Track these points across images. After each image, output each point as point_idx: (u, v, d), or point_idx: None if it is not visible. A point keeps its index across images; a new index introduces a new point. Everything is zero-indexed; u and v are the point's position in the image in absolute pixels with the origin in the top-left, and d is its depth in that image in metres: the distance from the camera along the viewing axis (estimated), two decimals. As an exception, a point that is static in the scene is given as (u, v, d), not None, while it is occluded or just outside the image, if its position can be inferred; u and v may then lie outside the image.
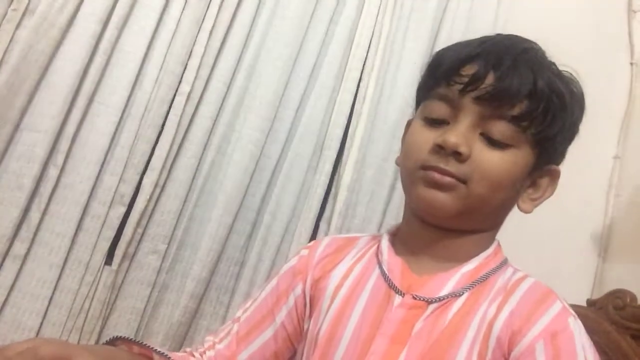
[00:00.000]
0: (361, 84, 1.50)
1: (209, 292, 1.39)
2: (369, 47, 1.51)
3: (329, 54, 1.49)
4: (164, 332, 1.34)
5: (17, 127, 1.26)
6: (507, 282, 0.68)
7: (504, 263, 0.71)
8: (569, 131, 0.70)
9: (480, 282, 0.67)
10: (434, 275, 0.67)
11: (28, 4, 1.26)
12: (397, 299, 0.67)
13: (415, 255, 0.70)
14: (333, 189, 1.48)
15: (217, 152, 1.41)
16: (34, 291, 1.26)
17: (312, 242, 0.83)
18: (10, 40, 1.25)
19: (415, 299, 0.66)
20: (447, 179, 0.64)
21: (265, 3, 1.46)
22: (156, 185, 1.35)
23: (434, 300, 0.65)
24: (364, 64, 1.51)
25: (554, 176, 0.73)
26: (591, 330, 1.25)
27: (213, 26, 1.40)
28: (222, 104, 1.42)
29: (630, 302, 1.20)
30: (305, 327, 0.74)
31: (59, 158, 1.27)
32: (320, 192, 1.44)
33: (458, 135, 0.64)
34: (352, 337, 0.66)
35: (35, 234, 1.26)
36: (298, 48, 1.47)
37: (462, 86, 0.65)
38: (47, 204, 1.27)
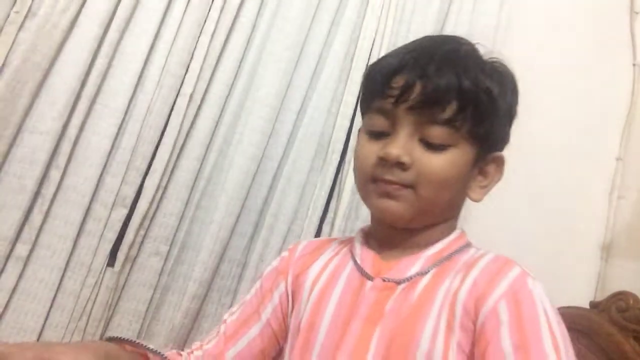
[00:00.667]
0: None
1: (211, 294, 1.38)
2: (371, 49, 1.51)
3: (330, 56, 1.49)
4: (166, 334, 1.34)
5: (19, 129, 1.26)
6: (470, 258, 0.72)
7: (467, 246, 0.76)
8: (505, 117, 0.74)
9: (444, 261, 0.72)
10: (400, 259, 0.73)
11: (30, 6, 1.27)
12: (369, 284, 0.72)
13: (384, 247, 0.76)
14: (336, 191, 1.48)
15: (219, 154, 1.41)
16: (36, 293, 1.26)
17: (292, 245, 0.88)
18: (13, 43, 1.26)
19: (385, 281, 0.71)
20: (398, 191, 0.69)
21: (267, 5, 1.46)
22: (158, 187, 1.35)
23: (402, 280, 0.70)
24: (366, 66, 1.51)
25: (499, 162, 0.76)
26: (594, 332, 1.25)
27: (215, 28, 1.40)
28: (223, 106, 1.42)
29: (633, 304, 1.20)
30: (289, 322, 0.79)
31: (61, 160, 1.27)
32: (323, 194, 1.44)
33: (398, 146, 0.69)
34: (330, 323, 0.71)
35: (37, 236, 1.26)
36: (300, 50, 1.47)
37: (394, 99, 0.69)
38: (49, 206, 1.27)
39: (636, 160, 1.67)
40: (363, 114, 0.79)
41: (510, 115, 0.75)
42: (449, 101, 0.68)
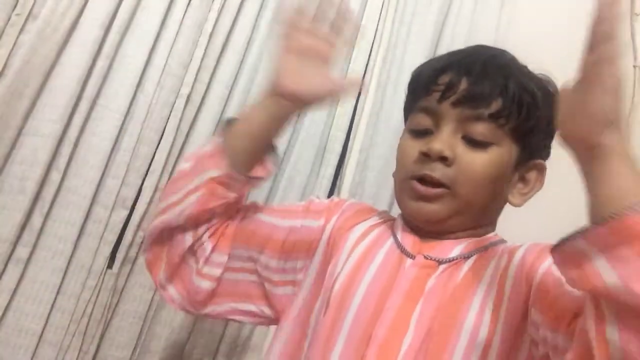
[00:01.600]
0: (362, 87, 1.50)
1: (212, 296, 1.38)
2: (370, 50, 1.51)
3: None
4: (166, 336, 1.34)
5: (19, 132, 1.26)
6: (510, 246, 0.74)
7: (503, 241, 0.78)
8: (547, 126, 0.72)
9: (485, 249, 0.72)
10: (441, 240, 0.73)
11: (31, 8, 1.27)
12: (409, 261, 0.72)
13: (424, 234, 0.75)
14: (335, 192, 1.48)
15: (220, 155, 1.41)
16: (36, 295, 1.26)
17: (336, 198, 0.89)
18: (14, 45, 1.25)
19: (427, 258, 0.71)
20: (433, 191, 0.70)
21: (267, 6, 1.46)
22: (157, 188, 1.35)
23: (444, 260, 0.71)
24: (365, 68, 1.51)
25: (541, 170, 0.76)
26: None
27: (215, 29, 1.40)
28: (224, 108, 1.42)
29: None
30: (312, 268, 0.78)
31: (62, 162, 1.27)
32: (322, 195, 1.44)
33: (441, 141, 0.69)
34: (366, 293, 0.69)
35: (37, 238, 1.26)
36: (300, 51, 1.47)
37: (439, 94, 0.71)
38: (50, 208, 1.27)
39: (636, 162, 1.67)
40: (407, 116, 0.80)
41: (550, 126, 0.69)
42: (494, 97, 0.69)
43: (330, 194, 1.47)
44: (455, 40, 1.55)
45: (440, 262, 0.70)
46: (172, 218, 0.75)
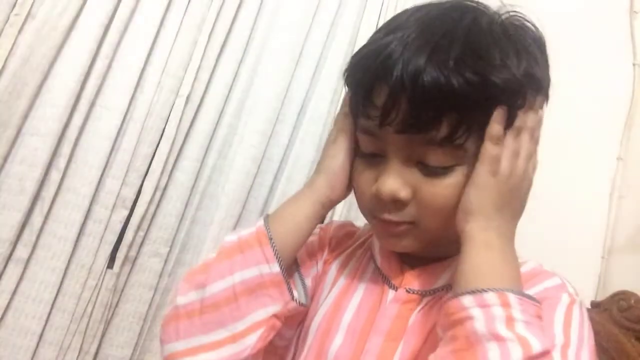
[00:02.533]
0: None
1: (212, 296, 1.38)
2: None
3: (330, 55, 1.49)
4: (167, 336, 1.33)
5: (19, 131, 1.26)
6: None
7: None
8: (536, 94, 0.59)
9: None
10: (427, 266, 0.65)
11: (30, 8, 1.27)
12: (391, 294, 0.65)
13: (406, 253, 0.67)
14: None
15: (219, 155, 1.41)
16: (36, 295, 1.26)
17: (323, 225, 0.78)
18: (13, 45, 1.25)
19: (409, 292, 0.64)
20: (398, 230, 0.60)
21: (266, 6, 1.46)
22: (157, 188, 1.35)
23: (427, 292, 0.63)
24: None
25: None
26: (596, 333, 1.24)
27: (214, 29, 1.41)
28: (223, 107, 1.42)
29: (634, 304, 1.19)
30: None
31: (61, 162, 1.27)
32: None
33: (392, 180, 0.57)
34: (347, 333, 0.64)
35: (37, 238, 1.26)
36: (299, 51, 1.47)
37: (377, 121, 0.57)
38: (50, 208, 1.27)
39: (637, 160, 1.67)
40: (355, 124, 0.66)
41: (542, 86, 0.60)
42: (443, 115, 0.54)
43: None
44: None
45: (423, 295, 0.63)
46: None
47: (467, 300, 0.50)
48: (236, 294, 0.60)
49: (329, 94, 1.48)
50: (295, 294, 0.63)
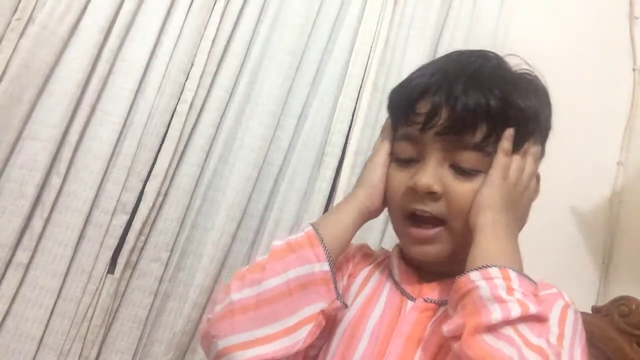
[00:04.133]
0: (361, 91, 1.50)
1: (212, 301, 1.38)
2: (369, 54, 1.52)
3: (330, 61, 1.49)
4: (167, 341, 1.33)
5: (19, 136, 1.27)
6: None
7: None
8: (539, 133, 0.72)
9: None
10: (442, 280, 0.71)
11: (31, 13, 1.27)
12: (410, 304, 0.71)
13: (423, 268, 0.74)
14: (334, 196, 1.47)
15: (220, 160, 1.41)
16: (36, 300, 1.25)
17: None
18: (14, 49, 1.26)
19: (427, 301, 0.70)
20: (429, 233, 0.69)
21: (267, 11, 1.47)
22: (159, 193, 1.35)
23: (444, 302, 0.68)
24: (364, 71, 1.51)
25: (537, 181, 0.75)
26: (597, 338, 1.24)
27: (215, 34, 1.41)
28: (224, 112, 1.42)
29: (635, 309, 1.19)
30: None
31: (62, 166, 1.28)
32: (322, 199, 1.44)
33: (428, 175, 0.67)
34: (371, 337, 0.69)
35: (38, 243, 1.26)
36: (300, 56, 1.47)
37: (420, 125, 0.68)
38: (50, 213, 1.27)
39: (637, 165, 1.67)
40: (392, 138, 0.77)
41: (544, 129, 0.74)
42: (478, 124, 0.66)
43: (330, 196, 1.47)
44: (454, 45, 1.55)
45: (440, 304, 0.69)
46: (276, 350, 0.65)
47: (473, 274, 0.58)
48: (290, 290, 0.66)
49: (329, 99, 1.48)
50: (340, 295, 0.69)
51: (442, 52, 1.53)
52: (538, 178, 0.74)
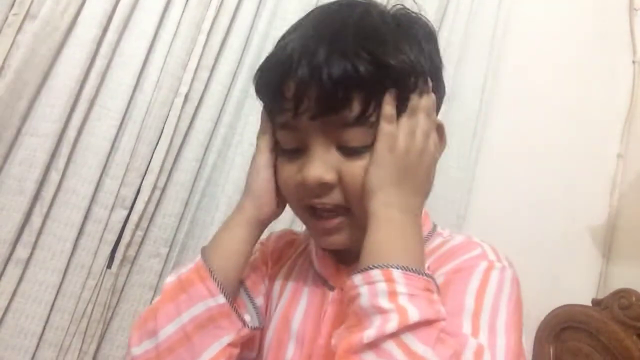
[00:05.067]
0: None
1: (212, 296, 1.38)
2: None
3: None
4: (167, 336, 1.33)
5: (18, 132, 1.26)
6: (435, 247, 0.66)
7: (433, 232, 0.70)
8: (426, 79, 0.62)
9: None
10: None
11: (29, 8, 1.26)
12: (331, 295, 0.67)
13: (341, 251, 0.68)
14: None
15: (219, 154, 1.41)
16: (36, 296, 1.25)
17: (263, 238, 0.79)
18: (12, 45, 1.25)
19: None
20: (333, 223, 0.62)
21: (265, 4, 1.46)
22: (157, 188, 1.35)
23: None
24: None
25: (439, 130, 0.65)
26: (596, 330, 1.24)
27: (213, 28, 1.40)
28: (222, 106, 1.42)
29: (635, 301, 1.19)
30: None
31: (61, 162, 1.27)
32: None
33: (315, 166, 0.59)
34: (297, 342, 0.66)
35: (37, 238, 1.26)
36: (299, 50, 1.46)
37: (291, 112, 0.60)
38: (49, 208, 1.27)
39: (637, 157, 1.66)
40: (272, 129, 0.69)
41: (431, 72, 0.63)
42: (352, 96, 0.57)
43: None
44: (452, 39, 1.55)
45: None
46: None
47: (357, 279, 0.52)
48: (187, 334, 0.61)
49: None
50: (248, 318, 0.64)
51: (441, 45, 1.52)
52: (440, 128, 0.65)
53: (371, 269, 0.52)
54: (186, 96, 1.37)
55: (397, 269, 0.51)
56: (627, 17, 1.78)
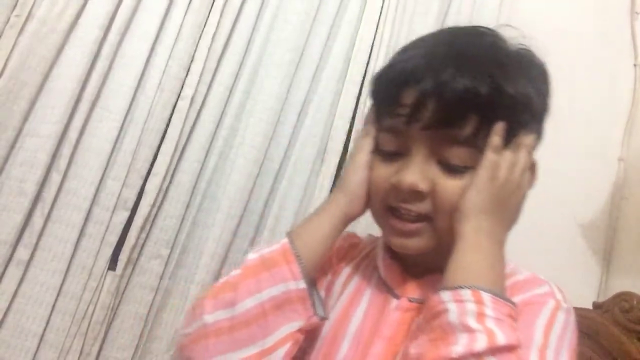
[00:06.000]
0: (363, 88, 1.50)
1: (213, 297, 1.38)
2: (370, 50, 1.51)
3: (331, 57, 1.49)
4: (168, 338, 1.33)
5: (19, 133, 1.26)
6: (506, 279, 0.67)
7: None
8: (535, 118, 0.65)
9: None
10: (427, 277, 0.68)
11: (30, 9, 1.27)
12: (394, 303, 0.68)
13: (408, 261, 0.71)
14: (336, 193, 1.47)
15: (220, 156, 1.41)
16: (37, 297, 1.26)
17: None
18: (13, 46, 1.26)
19: (411, 301, 0.67)
20: (411, 227, 0.64)
21: (267, 7, 1.46)
22: (159, 190, 1.35)
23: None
24: (365, 68, 1.51)
25: (532, 169, 0.67)
26: (598, 333, 1.24)
27: (215, 31, 1.41)
28: (224, 109, 1.42)
29: (636, 305, 1.19)
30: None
31: (62, 163, 1.27)
32: (323, 195, 1.44)
33: (413, 172, 0.62)
34: (353, 339, 0.67)
35: (38, 240, 1.26)
36: (300, 52, 1.47)
37: (405, 118, 0.62)
38: (50, 210, 1.27)
39: (638, 160, 1.66)
40: (376, 129, 0.70)
41: (539, 114, 0.66)
42: (468, 116, 0.60)
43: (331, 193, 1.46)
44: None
45: (423, 304, 0.63)
46: None
47: (445, 295, 0.55)
48: (265, 311, 0.63)
49: (330, 96, 1.48)
50: (318, 309, 0.66)
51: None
52: (533, 167, 0.67)
53: (461, 288, 0.54)
54: (188, 98, 1.37)
55: (487, 292, 0.54)
56: (628, 21, 1.78)
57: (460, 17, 1.57)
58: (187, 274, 1.37)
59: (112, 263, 1.33)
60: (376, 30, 1.52)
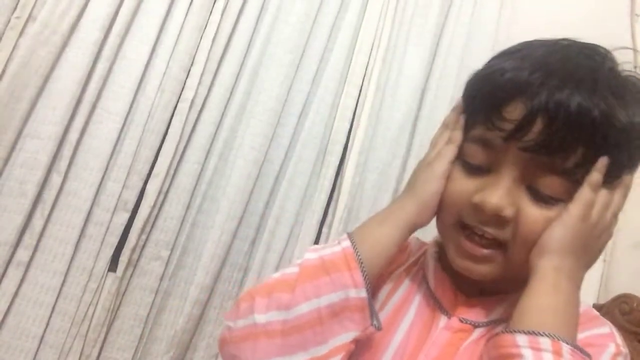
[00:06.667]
0: (363, 89, 1.50)
1: (213, 299, 1.38)
2: (370, 52, 1.51)
3: (331, 59, 1.49)
4: (168, 339, 1.33)
5: (20, 134, 1.27)
6: None
7: None
8: (636, 160, 0.60)
9: None
10: (481, 298, 0.64)
11: (31, 11, 1.27)
12: (443, 320, 0.64)
13: (462, 278, 0.64)
14: (335, 194, 1.47)
15: (220, 158, 1.41)
16: (37, 298, 1.26)
17: None
18: (14, 48, 1.26)
19: (462, 322, 0.63)
20: (482, 252, 0.59)
21: (268, 9, 1.46)
22: (159, 191, 1.35)
23: (481, 324, 0.62)
24: (366, 69, 1.51)
25: (624, 189, 0.62)
26: (597, 335, 1.23)
27: (215, 32, 1.41)
28: (224, 110, 1.42)
29: (636, 307, 1.19)
30: None
31: (62, 165, 1.28)
32: (323, 197, 1.44)
33: (499, 195, 0.56)
34: (395, 354, 0.63)
35: (38, 241, 1.26)
36: (300, 54, 1.47)
37: (505, 134, 0.56)
38: (51, 211, 1.27)
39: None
40: (463, 132, 0.64)
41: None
42: (575, 147, 0.54)
43: (331, 195, 1.46)
44: (455, 43, 1.55)
45: (476, 326, 0.62)
46: None
47: (521, 338, 0.51)
48: (321, 317, 0.59)
49: (330, 97, 1.48)
50: (375, 319, 0.62)
51: (443, 49, 1.53)
52: (627, 187, 0.62)
53: (540, 335, 0.51)
54: (188, 100, 1.38)
55: (567, 344, 0.50)
56: (628, 23, 1.78)
57: (461, 17, 1.57)
58: (187, 275, 1.37)
59: (113, 264, 1.33)
60: (376, 32, 1.52)
